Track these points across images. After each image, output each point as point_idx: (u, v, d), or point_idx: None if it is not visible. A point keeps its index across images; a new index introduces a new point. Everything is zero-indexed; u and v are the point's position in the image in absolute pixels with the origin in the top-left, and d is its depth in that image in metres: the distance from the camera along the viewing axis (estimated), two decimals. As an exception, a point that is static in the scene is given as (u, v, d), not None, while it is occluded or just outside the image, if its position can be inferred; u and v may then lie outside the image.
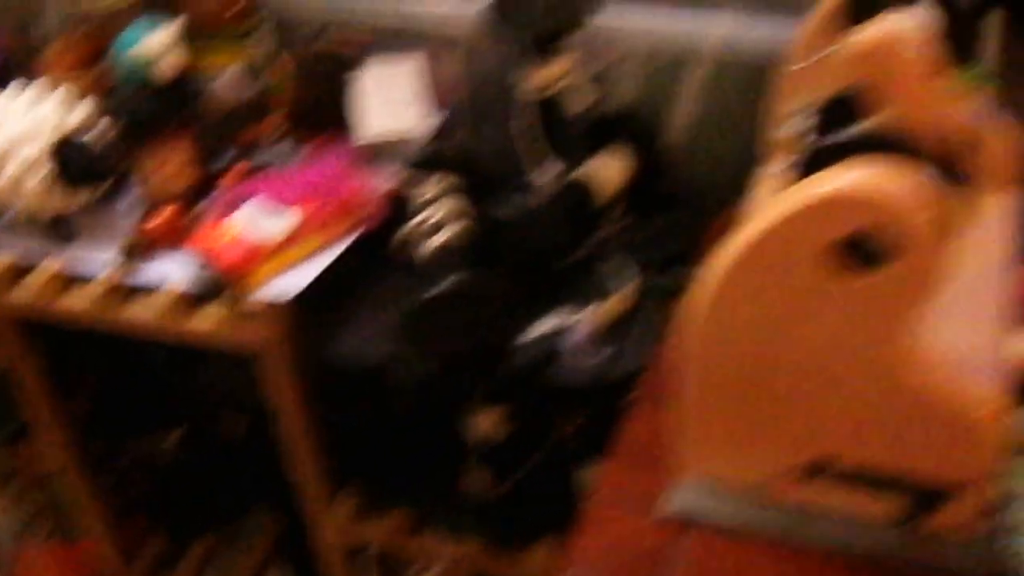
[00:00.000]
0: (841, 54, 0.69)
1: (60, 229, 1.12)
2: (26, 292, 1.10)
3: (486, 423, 1.06)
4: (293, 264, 1.05)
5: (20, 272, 1.11)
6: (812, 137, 0.74)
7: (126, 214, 1.13)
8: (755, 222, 0.68)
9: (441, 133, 1.15)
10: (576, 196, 1.09)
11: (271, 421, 1.12)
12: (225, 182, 1.11)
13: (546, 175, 1.10)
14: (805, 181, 0.67)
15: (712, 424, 0.78)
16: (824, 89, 0.75)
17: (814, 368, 0.72)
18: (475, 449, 1.09)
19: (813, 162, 0.70)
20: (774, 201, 0.68)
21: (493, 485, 1.11)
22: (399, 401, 1.06)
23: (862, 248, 0.66)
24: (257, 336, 1.05)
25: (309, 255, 1.06)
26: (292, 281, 1.04)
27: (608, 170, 1.11)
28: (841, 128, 0.71)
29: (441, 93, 1.18)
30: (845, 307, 0.69)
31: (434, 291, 0.95)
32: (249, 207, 1.07)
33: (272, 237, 1.04)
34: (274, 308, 1.03)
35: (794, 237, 0.67)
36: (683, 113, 1.14)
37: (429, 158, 1.09)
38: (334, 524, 1.19)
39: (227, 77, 1.11)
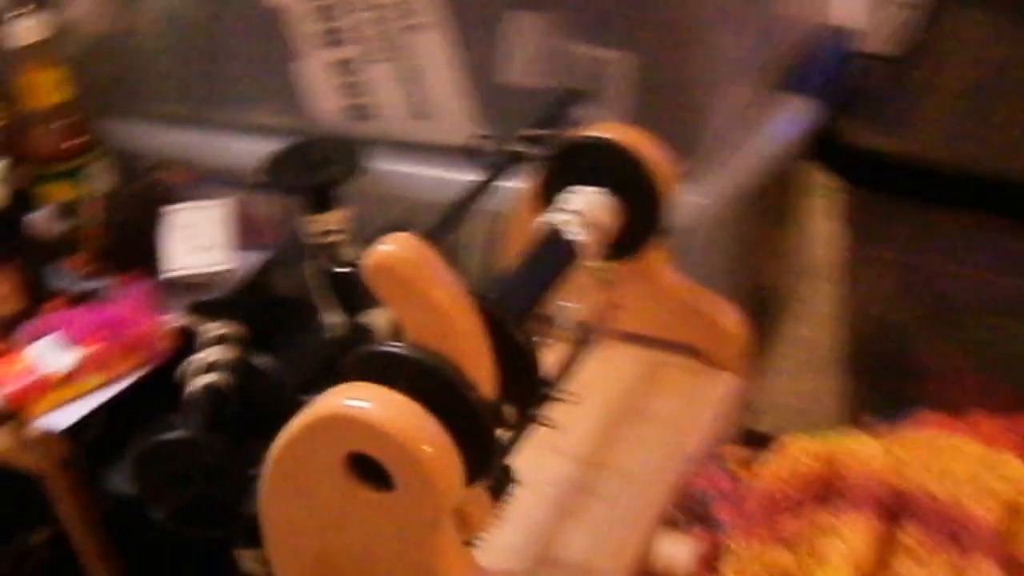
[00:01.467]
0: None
1: None
2: None
3: (248, 561, 1.10)
4: (74, 398, 1.12)
5: None
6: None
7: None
8: (287, 426, 0.71)
9: (248, 277, 1.20)
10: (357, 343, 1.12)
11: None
12: (42, 312, 1.18)
13: (331, 323, 1.14)
14: (324, 393, 0.70)
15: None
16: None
17: (364, 569, 0.74)
18: (248, 583, 1.13)
19: (341, 371, 0.72)
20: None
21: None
22: (164, 534, 1.10)
23: (374, 467, 0.68)
24: (38, 463, 1.11)
25: (91, 390, 1.12)
26: (70, 413, 1.10)
27: (385, 319, 1.14)
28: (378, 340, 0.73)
29: (256, 236, 1.23)
30: (373, 517, 0.71)
31: (156, 441, 1.00)
32: (43, 340, 1.14)
33: (57, 371, 1.11)
34: (50, 438, 1.09)
35: (309, 447, 0.70)
36: (470, 262, 1.16)
37: (211, 302, 1.14)
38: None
39: (45, 212, 1.19)
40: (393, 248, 0.68)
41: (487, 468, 0.72)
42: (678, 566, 0.81)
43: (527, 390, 0.76)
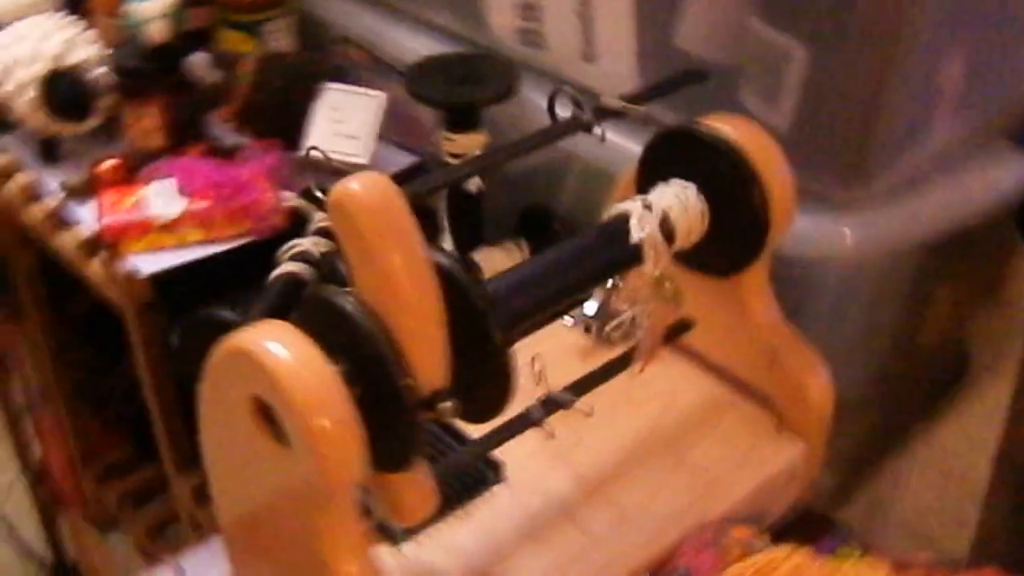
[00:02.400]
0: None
1: (46, 150, 1.22)
2: (5, 195, 1.21)
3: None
4: (171, 247, 1.09)
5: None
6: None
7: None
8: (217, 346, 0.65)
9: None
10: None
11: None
12: (179, 155, 1.16)
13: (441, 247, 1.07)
14: (251, 325, 0.63)
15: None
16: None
17: (267, 520, 0.68)
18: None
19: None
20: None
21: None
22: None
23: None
24: (121, 299, 1.09)
25: (190, 244, 1.09)
26: (160, 261, 1.08)
27: (497, 262, 1.05)
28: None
29: (406, 138, 1.16)
30: (273, 468, 0.64)
31: (202, 315, 0.96)
32: (160, 183, 1.11)
33: (159, 217, 1.08)
34: (132, 280, 1.07)
35: (225, 376, 0.64)
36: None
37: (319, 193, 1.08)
38: (182, 496, 1.22)
39: (206, 57, 1.15)
40: (356, 190, 0.59)
41: (405, 460, 0.63)
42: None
43: (495, 392, 0.65)
